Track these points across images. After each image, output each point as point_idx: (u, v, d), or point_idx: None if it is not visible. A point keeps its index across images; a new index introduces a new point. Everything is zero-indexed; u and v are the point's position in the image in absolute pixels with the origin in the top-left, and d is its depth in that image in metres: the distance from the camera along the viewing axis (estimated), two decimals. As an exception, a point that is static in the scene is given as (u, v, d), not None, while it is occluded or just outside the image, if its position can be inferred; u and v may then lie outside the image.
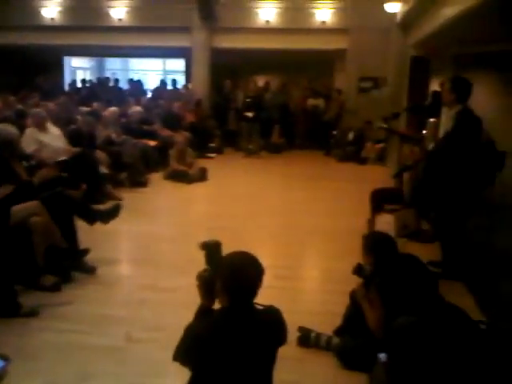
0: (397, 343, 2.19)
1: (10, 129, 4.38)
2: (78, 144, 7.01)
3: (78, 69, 18.54)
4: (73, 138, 7.18)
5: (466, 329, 2.17)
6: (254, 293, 2.10)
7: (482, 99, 6.36)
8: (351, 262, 3.27)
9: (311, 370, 3.11)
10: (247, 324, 2.07)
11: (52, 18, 13.71)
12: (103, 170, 7.21)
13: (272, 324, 2.16)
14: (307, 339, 3.32)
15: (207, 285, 2.19)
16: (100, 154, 7.45)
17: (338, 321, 3.34)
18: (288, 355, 2.62)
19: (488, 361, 2.09)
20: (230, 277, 2.07)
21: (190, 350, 2.07)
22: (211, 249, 2.26)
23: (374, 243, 3.22)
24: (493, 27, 6.13)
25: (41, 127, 6.62)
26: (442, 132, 4.66)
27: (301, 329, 3.36)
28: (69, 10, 13.61)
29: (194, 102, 12.55)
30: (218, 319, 2.10)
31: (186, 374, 2.15)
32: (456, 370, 2.04)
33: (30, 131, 6.55)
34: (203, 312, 2.21)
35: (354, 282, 3.23)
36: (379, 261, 3.03)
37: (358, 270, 3.19)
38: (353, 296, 3.22)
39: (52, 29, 13.64)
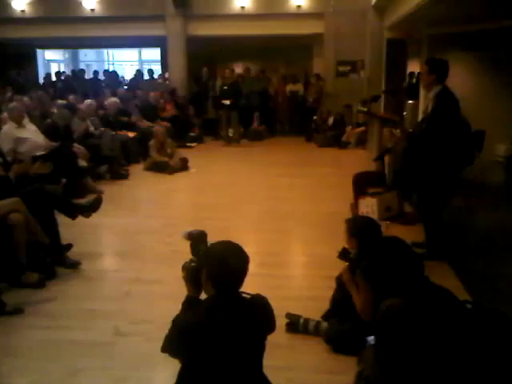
0: (384, 326, 2.20)
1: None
2: (54, 138, 6.90)
3: (52, 61, 18.23)
4: (49, 132, 7.06)
5: (453, 309, 2.20)
6: (239, 281, 2.09)
7: (459, 79, 6.42)
8: (336, 247, 3.28)
9: (301, 355, 3.12)
10: (234, 313, 2.06)
11: (22, 10, 13.40)
12: (82, 163, 7.10)
13: (259, 312, 2.15)
14: (295, 325, 3.32)
15: (193, 275, 2.18)
16: (78, 148, 7.33)
17: (325, 306, 3.35)
18: (277, 342, 2.63)
19: (474, 340, 2.11)
20: (215, 266, 2.06)
21: (178, 341, 2.06)
22: (196, 239, 2.24)
23: (358, 227, 3.23)
24: (467, 7, 6.17)
25: (19, 122, 6.49)
26: (421, 114, 4.68)
27: (289, 315, 3.37)
28: (39, 1, 13.28)
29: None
30: (204, 309, 2.08)
31: (175, 365, 2.14)
32: (443, 350, 2.06)
33: (8, 127, 6.42)
34: (190, 302, 2.20)
35: (340, 266, 3.24)
36: (364, 244, 3.04)
37: (344, 254, 3.21)
38: (339, 280, 3.23)
39: (22, 21, 13.34)
